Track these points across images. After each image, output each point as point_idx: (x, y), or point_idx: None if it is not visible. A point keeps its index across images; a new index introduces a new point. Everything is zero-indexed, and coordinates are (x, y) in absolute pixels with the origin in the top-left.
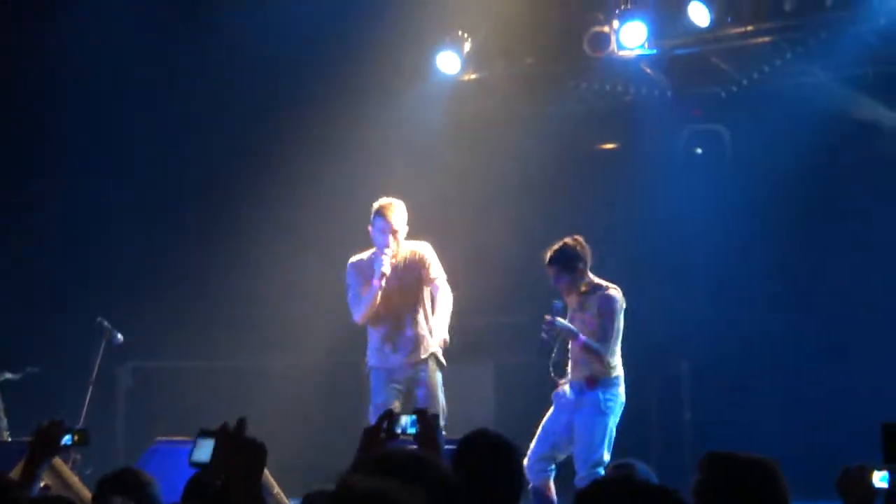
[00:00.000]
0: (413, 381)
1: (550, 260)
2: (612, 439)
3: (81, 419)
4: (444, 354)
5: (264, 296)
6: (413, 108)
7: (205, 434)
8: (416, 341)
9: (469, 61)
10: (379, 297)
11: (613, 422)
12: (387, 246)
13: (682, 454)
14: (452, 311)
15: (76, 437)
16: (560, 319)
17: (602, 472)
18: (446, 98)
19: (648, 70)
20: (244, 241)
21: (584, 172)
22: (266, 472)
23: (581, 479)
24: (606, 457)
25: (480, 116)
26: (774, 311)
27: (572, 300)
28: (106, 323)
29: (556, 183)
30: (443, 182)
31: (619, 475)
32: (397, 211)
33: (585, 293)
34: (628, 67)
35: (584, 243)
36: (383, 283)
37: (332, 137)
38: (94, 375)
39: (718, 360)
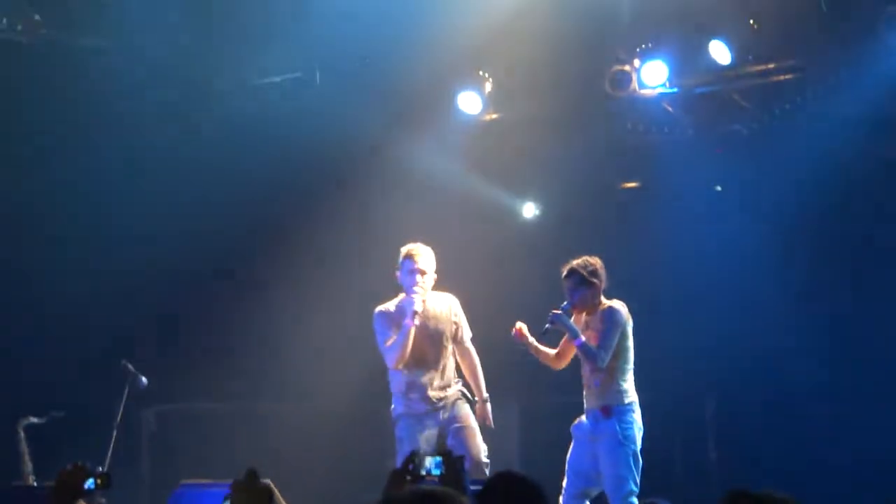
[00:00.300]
0: (445, 423)
1: (569, 272)
2: (640, 466)
3: (106, 463)
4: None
5: (288, 341)
6: (434, 147)
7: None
8: (444, 388)
9: (490, 101)
10: (412, 339)
11: (635, 449)
12: (415, 285)
13: (707, 494)
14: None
15: (99, 481)
16: (564, 315)
17: (635, 501)
18: (468, 138)
19: (670, 109)
20: (266, 287)
21: (606, 211)
22: None
23: None
24: (635, 488)
25: (502, 156)
26: (802, 351)
27: (580, 319)
28: (130, 366)
29: (578, 222)
30: (464, 222)
31: None
32: (424, 254)
33: (593, 314)
34: (650, 106)
35: (601, 264)
36: (417, 321)
37: (353, 180)
38: (118, 419)
39: (745, 399)
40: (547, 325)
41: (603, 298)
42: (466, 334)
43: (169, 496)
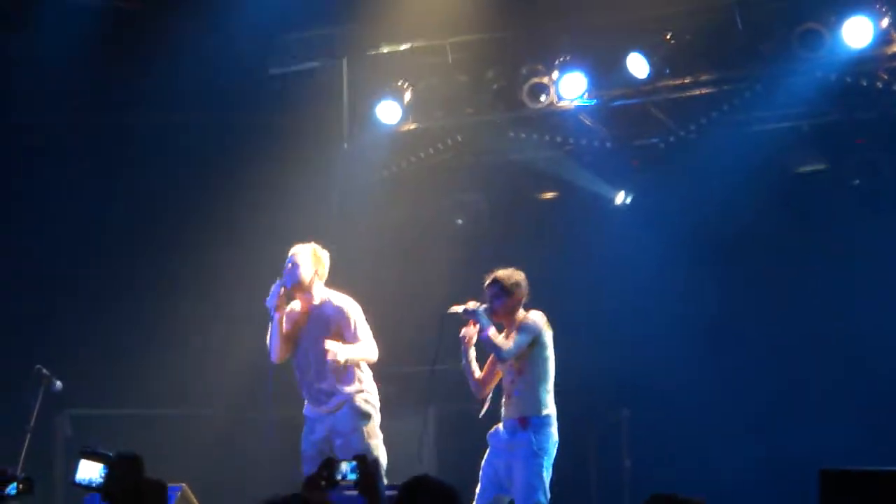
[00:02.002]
0: (331, 432)
1: (492, 281)
2: (549, 480)
3: (19, 467)
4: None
5: (205, 345)
6: (353, 156)
7: (88, 455)
8: (331, 393)
9: (409, 111)
10: (276, 339)
11: (548, 463)
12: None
13: (621, 502)
14: (387, 360)
15: (20, 486)
16: (477, 308)
17: None
18: (386, 147)
19: (587, 121)
20: (184, 293)
21: (523, 222)
22: None
23: None
24: (544, 500)
25: (420, 166)
26: (714, 356)
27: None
28: (45, 370)
29: (494, 232)
30: (379, 231)
31: None
32: (300, 251)
33: (512, 325)
34: (568, 118)
35: (524, 277)
36: (274, 314)
37: (268, 186)
38: (32, 423)
39: (658, 406)
40: (456, 309)
41: (522, 311)
42: (360, 334)
43: (83, 501)
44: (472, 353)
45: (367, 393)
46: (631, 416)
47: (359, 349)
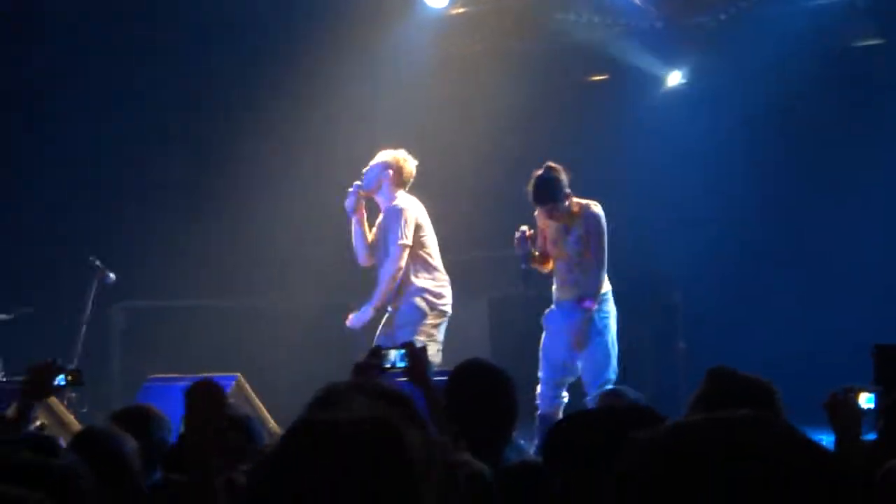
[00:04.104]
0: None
1: (540, 199)
2: (617, 351)
3: (75, 359)
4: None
5: (257, 236)
6: (400, 42)
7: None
8: (398, 291)
9: None
10: (360, 242)
11: (612, 336)
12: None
13: (676, 384)
14: (443, 247)
15: (69, 378)
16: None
17: None
18: (433, 32)
19: (637, 1)
20: (236, 181)
21: (574, 105)
22: (264, 410)
23: (591, 398)
24: (613, 375)
25: (468, 50)
26: (768, 240)
27: (553, 225)
28: (98, 262)
29: (545, 116)
30: (430, 117)
31: (603, 404)
32: (381, 155)
33: (567, 215)
34: None
35: (558, 167)
36: (354, 218)
37: (319, 74)
38: (87, 315)
39: (712, 289)
40: (522, 266)
41: (575, 199)
42: (391, 239)
43: (138, 391)
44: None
45: (428, 293)
46: (684, 299)
47: (380, 289)
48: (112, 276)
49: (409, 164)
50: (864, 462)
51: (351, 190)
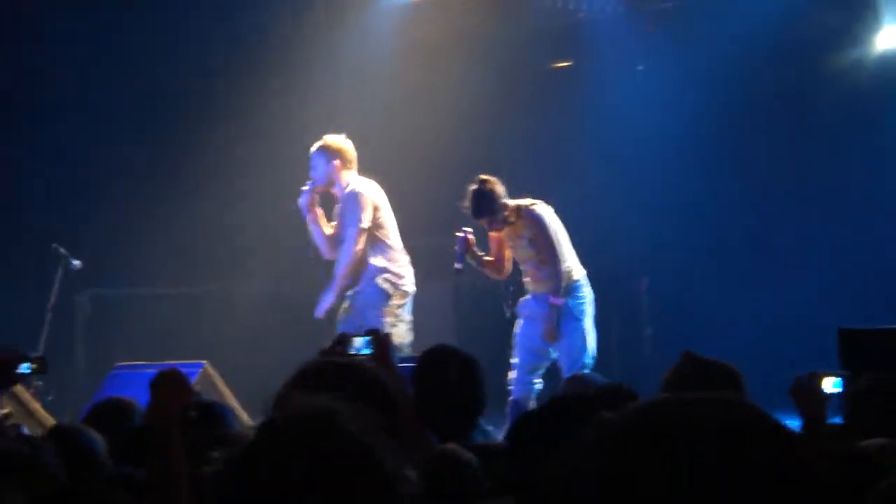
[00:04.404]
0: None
1: (475, 213)
2: (595, 338)
3: (41, 347)
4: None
5: (223, 222)
6: (363, 30)
7: None
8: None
9: None
10: (316, 234)
11: (590, 322)
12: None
13: (642, 370)
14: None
15: (34, 366)
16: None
17: None
18: (396, 20)
19: None
20: (202, 168)
21: (538, 91)
22: (232, 396)
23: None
24: (590, 361)
25: (432, 38)
26: (733, 226)
27: (505, 231)
28: (62, 249)
29: (510, 102)
30: (392, 104)
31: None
32: (315, 150)
33: (512, 221)
34: None
35: (492, 180)
36: (307, 216)
37: (280, 63)
38: (52, 302)
39: (678, 275)
40: (457, 266)
41: (512, 202)
42: (346, 223)
43: (104, 378)
44: (476, 252)
45: (389, 273)
46: (651, 285)
47: (338, 273)
48: (77, 263)
49: (348, 145)
50: (830, 445)
51: (305, 189)
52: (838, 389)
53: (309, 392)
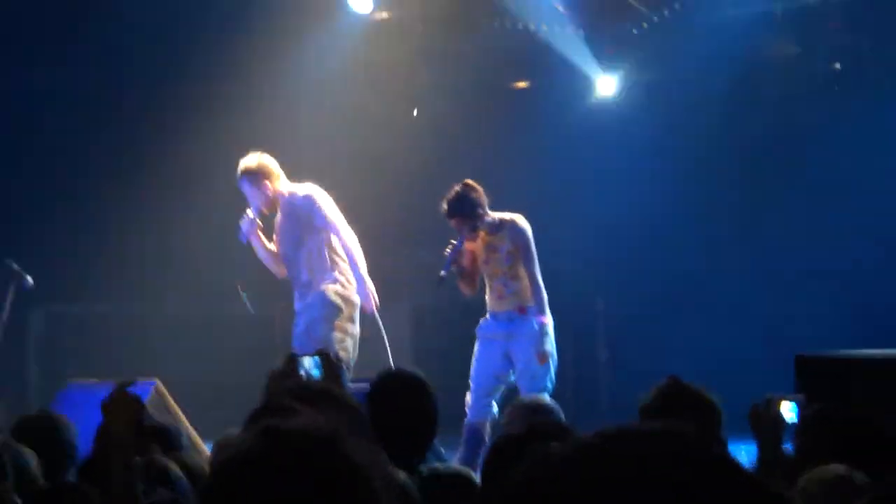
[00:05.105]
0: (308, 322)
1: (449, 213)
2: (556, 362)
3: None
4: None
5: (175, 241)
6: (323, 47)
7: None
8: (309, 285)
9: (381, 0)
10: (269, 259)
11: (552, 345)
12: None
13: (598, 393)
14: (365, 252)
15: None
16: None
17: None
18: (358, 38)
19: (560, 8)
20: (154, 185)
21: (496, 111)
22: (182, 415)
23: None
24: (550, 385)
25: (392, 56)
26: (691, 246)
27: (479, 243)
28: (15, 266)
29: (468, 122)
30: (353, 122)
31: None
32: (241, 181)
33: (490, 232)
34: (541, 5)
35: (476, 186)
36: (252, 243)
37: (237, 79)
38: (3, 319)
39: (632, 298)
40: (442, 273)
41: (494, 214)
42: (327, 218)
43: (56, 396)
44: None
45: (340, 285)
46: (605, 307)
47: (352, 259)
48: (30, 280)
49: (267, 159)
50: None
51: (246, 220)
52: (793, 415)
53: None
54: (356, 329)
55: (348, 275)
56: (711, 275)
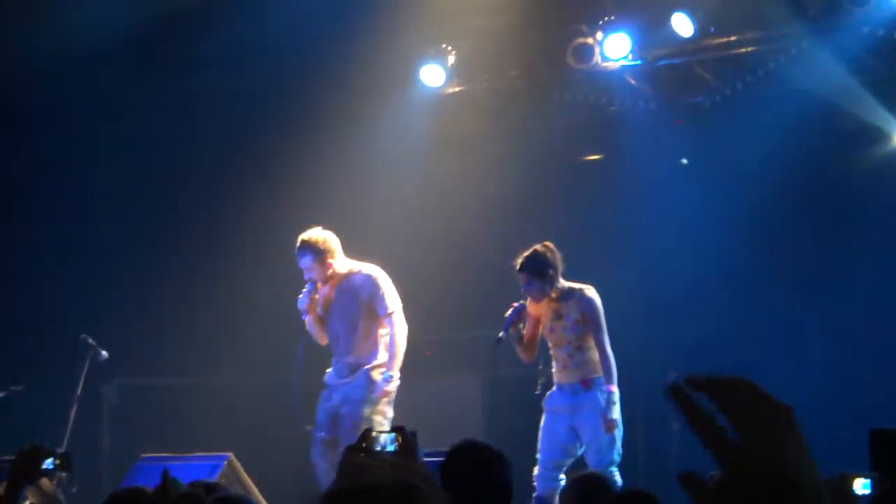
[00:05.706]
0: (343, 399)
1: (521, 267)
2: (623, 432)
3: (66, 436)
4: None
5: (249, 314)
6: (396, 120)
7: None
8: (356, 367)
9: (453, 74)
10: (314, 327)
11: (619, 414)
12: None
13: (668, 462)
14: (437, 325)
15: (57, 462)
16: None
17: (615, 471)
18: (429, 111)
19: (632, 81)
20: (228, 259)
21: (568, 184)
22: (255, 488)
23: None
24: (617, 458)
25: (464, 129)
26: (763, 319)
27: (545, 309)
28: (91, 340)
29: (539, 195)
30: (424, 194)
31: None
32: (299, 252)
33: (558, 299)
34: (612, 79)
35: (554, 249)
36: (306, 319)
37: (314, 150)
38: (78, 392)
39: (708, 370)
40: (500, 334)
41: (566, 282)
42: (386, 306)
43: (129, 469)
44: (521, 328)
45: (384, 369)
46: (679, 378)
47: (393, 351)
48: (104, 353)
49: (328, 234)
50: None
51: (305, 291)
52: (867, 491)
53: None
54: (392, 411)
55: (384, 355)
56: (790, 345)
